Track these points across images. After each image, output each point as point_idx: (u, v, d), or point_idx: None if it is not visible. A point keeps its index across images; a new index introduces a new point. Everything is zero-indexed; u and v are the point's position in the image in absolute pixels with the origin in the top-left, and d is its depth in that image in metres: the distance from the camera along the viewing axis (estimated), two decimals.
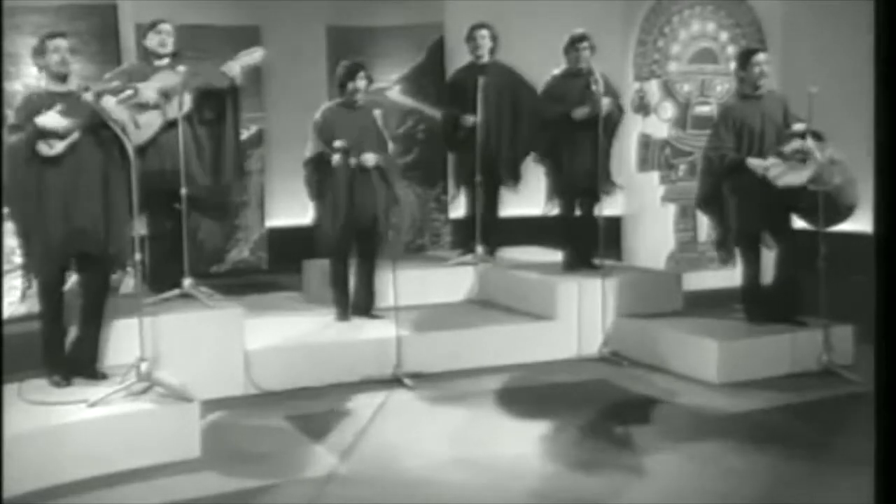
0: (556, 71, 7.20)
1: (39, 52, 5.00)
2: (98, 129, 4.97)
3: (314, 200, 6.47)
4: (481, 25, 7.64)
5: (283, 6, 8.35)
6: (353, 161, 6.20)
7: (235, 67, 6.02)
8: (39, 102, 4.93)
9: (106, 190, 5.02)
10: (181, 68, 5.83)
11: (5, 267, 5.85)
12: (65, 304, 5.10)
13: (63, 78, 5.01)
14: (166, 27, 5.99)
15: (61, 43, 4.97)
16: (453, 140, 7.70)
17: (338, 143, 6.20)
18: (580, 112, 6.93)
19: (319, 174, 6.36)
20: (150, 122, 5.82)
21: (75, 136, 4.88)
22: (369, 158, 6.33)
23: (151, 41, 5.98)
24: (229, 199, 6.38)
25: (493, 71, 7.55)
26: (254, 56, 6.16)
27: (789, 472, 4.64)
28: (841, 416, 5.49)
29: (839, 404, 5.69)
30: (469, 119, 7.42)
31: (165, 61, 5.96)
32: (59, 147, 4.85)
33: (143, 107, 5.78)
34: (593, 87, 6.77)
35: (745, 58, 6.51)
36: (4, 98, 5.71)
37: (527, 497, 4.41)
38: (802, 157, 6.05)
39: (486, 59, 7.61)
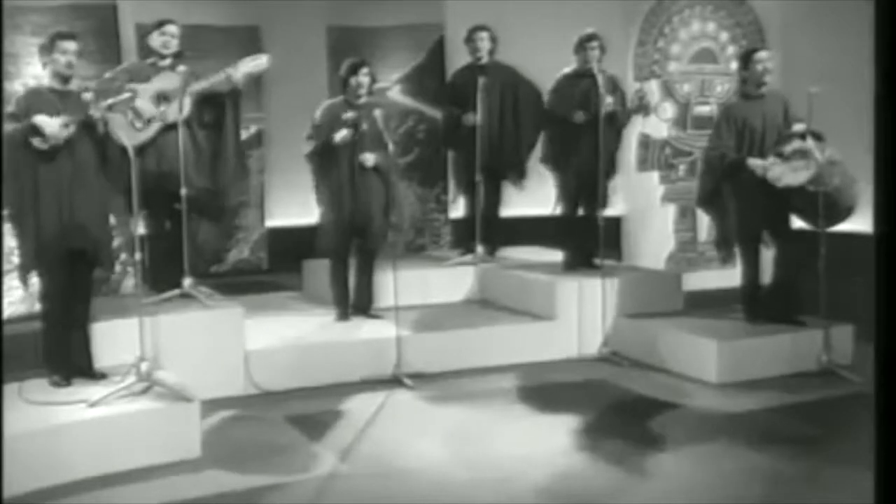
0: (567, 70, 7.21)
1: (48, 49, 5.01)
2: (93, 128, 4.99)
3: (317, 196, 6.47)
4: (480, 27, 7.65)
5: (283, 6, 8.35)
6: (361, 129, 6.21)
7: (238, 74, 5.99)
8: (40, 99, 4.96)
9: (99, 189, 5.05)
10: (181, 68, 5.84)
11: (5, 267, 5.84)
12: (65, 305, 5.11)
13: (67, 79, 5.04)
14: (172, 29, 5.98)
15: (70, 45, 4.98)
16: (454, 140, 7.72)
17: (347, 115, 6.22)
18: (579, 116, 6.94)
19: (322, 168, 6.36)
20: (148, 125, 5.83)
21: (70, 130, 4.90)
22: (368, 158, 6.33)
23: (155, 41, 5.97)
24: (226, 201, 6.36)
25: (492, 71, 7.56)
26: (258, 63, 6.10)
27: (789, 472, 4.64)
28: (841, 416, 5.50)
29: (839, 404, 5.69)
30: (470, 118, 7.43)
31: (167, 62, 5.96)
32: (52, 142, 4.87)
33: (139, 117, 5.78)
34: (600, 90, 6.79)
35: (746, 57, 6.50)
36: (4, 98, 5.72)
37: (526, 496, 4.41)
38: (802, 157, 6.06)
39: (485, 59, 7.62)
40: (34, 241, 4.93)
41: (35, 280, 5.10)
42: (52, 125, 4.85)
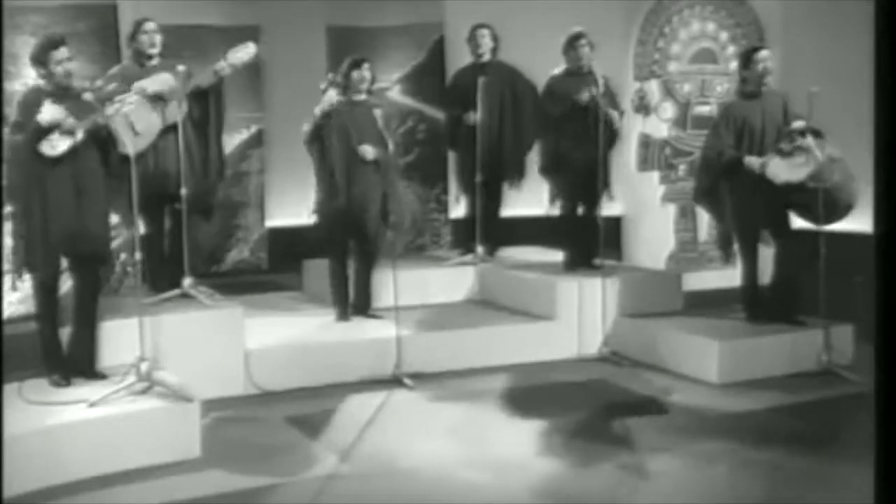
0: (557, 71, 7.20)
1: (42, 62, 4.94)
2: (96, 130, 4.99)
3: (315, 186, 6.46)
4: (482, 25, 7.66)
5: (283, 6, 8.34)
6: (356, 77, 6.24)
7: (226, 68, 5.95)
8: (41, 100, 4.92)
9: (102, 193, 5.05)
10: (181, 67, 5.82)
11: (5, 267, 5.84)
12: (60, 305, 5.11)
13: (66, 86, 4.99)
14: (152, 26, 5.95)
15: (62, 53, 4.92)
16: (456, 139, 7.72)
17: (330, 76, 6.23)
18: (584, 96, 6.89)
19: (319, 155, 6.35)
20: (149, 129, 5.81)
21: (79, 136, 4.90)
22: (368, 151, 6.32)
23: (142, 42, 5.95)
24: (214, 198, 6.34)
25: (493, 70, 7.56)
26: (247, 51, 6.02)
27: (789, 472, 4.64)
28: (841, 416, 5.50)
29: (839, 404, 5.69)
30: (470, 117, 7.43)
31: (156, 61, 5.94)
32: (61, 147, 4.86)
33: (142, 122, 5.75)
34: (593, 91, 6.78)
35: (747, 56, 6.49)
36: (4, 98, 5.71)
37: (526, 496, 4.41)
38: (802, 153, 6.06)
39: (486, 58, 7.63)
40: (39, 244, 4.92)
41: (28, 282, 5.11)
42: (55, 112, 4.82)
